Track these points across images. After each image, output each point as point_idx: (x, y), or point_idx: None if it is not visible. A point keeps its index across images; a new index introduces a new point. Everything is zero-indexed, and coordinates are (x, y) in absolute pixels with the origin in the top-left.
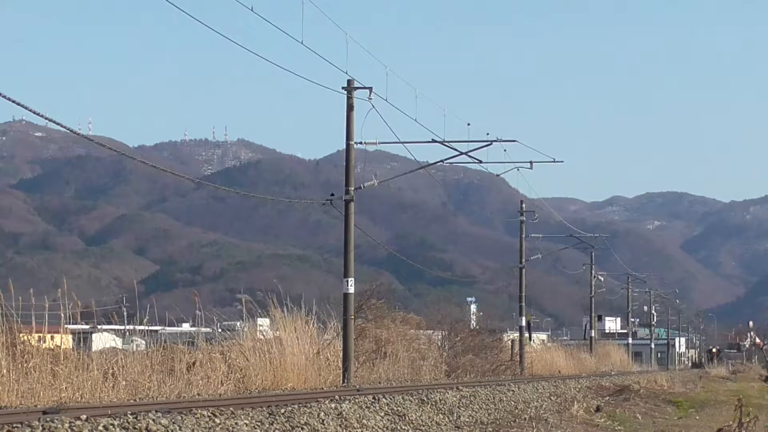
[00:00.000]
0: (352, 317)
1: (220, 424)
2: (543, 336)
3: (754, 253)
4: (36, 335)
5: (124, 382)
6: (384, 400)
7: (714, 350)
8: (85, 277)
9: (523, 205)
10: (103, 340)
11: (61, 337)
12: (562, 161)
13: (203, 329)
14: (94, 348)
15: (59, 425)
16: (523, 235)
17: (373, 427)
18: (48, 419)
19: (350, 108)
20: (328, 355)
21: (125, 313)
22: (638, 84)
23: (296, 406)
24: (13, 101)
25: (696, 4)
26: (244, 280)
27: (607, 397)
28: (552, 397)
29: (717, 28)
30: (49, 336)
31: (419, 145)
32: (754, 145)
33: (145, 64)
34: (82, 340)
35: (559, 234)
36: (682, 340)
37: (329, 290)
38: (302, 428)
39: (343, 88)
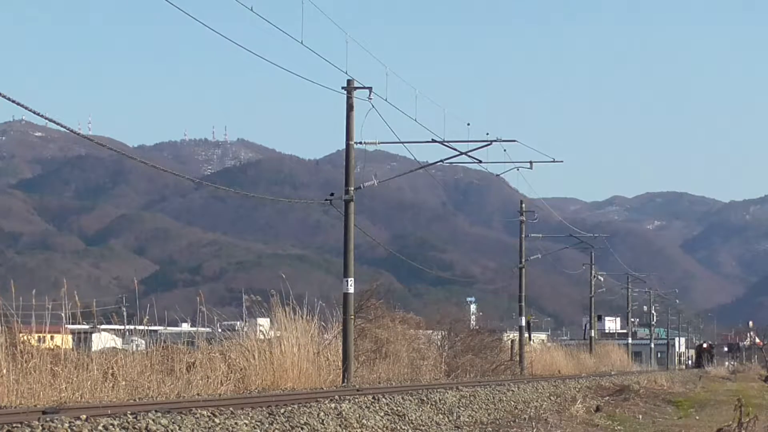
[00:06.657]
0: (352, 317)
1: (219, 424)
2: (543, 336)
3: (754, 253)
4: (36, 335)
5: (123, 382)
6: (384, 400)
7: (705, 346)
8: (85, 277)
9: (523, 205)
10: (103, 340)
11: (61, 337)
12: (562, 161)
13: (203, 329)
14: (93, 348)
15: (59, 425)
16: (523, 235)
17: (372, 427)
18: (48, 419)
19: (350, 108)
20: (328, 355)
21: (125, 313)
22: (638, 84)
23: (296, 406)
24: (13, 101)
25: (696, 5)
26: (244, 280)
27: (607, 397)
28: (552, 397)
29: (716, 28)
30: (49, 336)
31: (419, 145)
32: (754, 145)
33: (146, 64)
34: (82, 340)
35: (559, 234)
36: (682, 340)
37: (329, 290)
38: (302, 428)
39: (343, 88)
